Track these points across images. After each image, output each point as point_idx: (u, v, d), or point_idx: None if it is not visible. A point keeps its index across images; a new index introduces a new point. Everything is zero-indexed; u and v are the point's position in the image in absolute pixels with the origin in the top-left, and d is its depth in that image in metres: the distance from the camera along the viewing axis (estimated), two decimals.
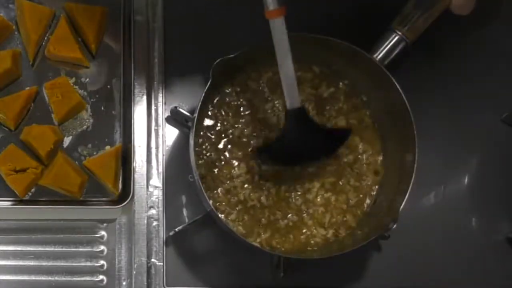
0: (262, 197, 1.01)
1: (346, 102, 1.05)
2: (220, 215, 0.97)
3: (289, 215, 1.01)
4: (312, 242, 1.01)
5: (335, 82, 1.05)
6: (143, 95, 1.07)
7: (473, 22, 1.05)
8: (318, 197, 1.02)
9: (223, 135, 1.02)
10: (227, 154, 1.02)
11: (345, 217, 1.02)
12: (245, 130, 1.03)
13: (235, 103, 1.03)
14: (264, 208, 1.01)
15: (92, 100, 1.06)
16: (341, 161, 1.03)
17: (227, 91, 1.03)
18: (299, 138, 0.99)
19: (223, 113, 1.03)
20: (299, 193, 1.02)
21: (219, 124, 1.02)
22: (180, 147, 1.07)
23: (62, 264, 1.02)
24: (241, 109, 1.03)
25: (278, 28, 0.90)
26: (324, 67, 1.05)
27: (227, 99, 1.03)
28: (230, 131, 1.02)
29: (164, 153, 1.07)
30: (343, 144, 1.02)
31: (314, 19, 1.10)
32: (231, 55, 0.96)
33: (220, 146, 1.02)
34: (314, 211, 1.01)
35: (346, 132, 1.03)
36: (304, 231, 1.01)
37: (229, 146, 1.02)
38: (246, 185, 1.01)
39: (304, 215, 1.01)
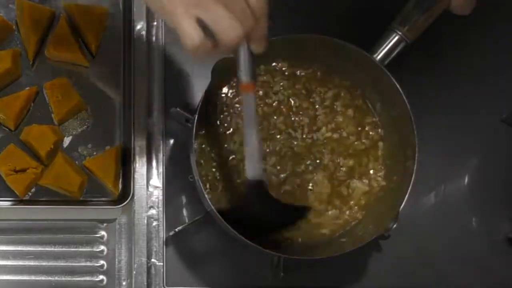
0: None
1: (346, 102, 1.05)
2: (220, 215, 0.97)
3: None
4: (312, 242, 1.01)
5: (335, 82, 1.05)
6: (143, 95, 1.07)
7: (473, 22, 1.04)
8: (319, 195, 1.02)
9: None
10: None
11: (344, 216, 1.02)
12: None
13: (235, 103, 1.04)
14: None
15: (92, 100, 1.06)
16: (340, 161, 1.03)
17: (227, 91, 1.03)
18: (258, 209, 0.97)
19: (223, 113, 1.03)
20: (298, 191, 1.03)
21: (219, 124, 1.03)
22: (180, 147, 1.07)
23: (62, 264, 1.02)
24: (240, 109, 1.04)
25: (249, 101, 0.90)
26: (323, 67, 1.04)
27: (227, 99, 1.03)
28: (230, 130, 1.02)
29: (164, 153, 1.07)
30: (301, 219, 1.01)
31: (313, 19, 1.10)
32: (231, 55, 0.96)
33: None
34: (315, 210, 1.02)
35: (304, 210, 1.01)
36: (304, 230, 1.01)
37: None
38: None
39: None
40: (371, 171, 1.04)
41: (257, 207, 0.97)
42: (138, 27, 1.08)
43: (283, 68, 1.05)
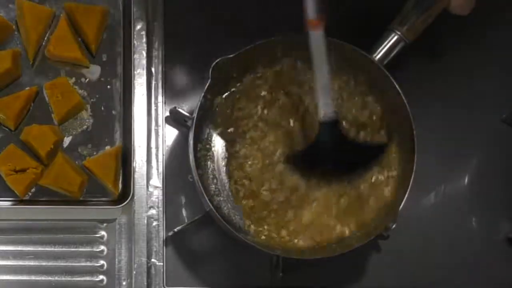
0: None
1: (345, 102, 1.05)
2: (219, 215, 0.97)
3: (291, 213, 1.01)
4: (312, 242, 1.01)
5: (334, 81, 1.05)
6: (143, 95, 1.07)
7: (473, 22, 1.05)
8: (319, 195, 1.02)
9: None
10: None
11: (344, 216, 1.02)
12: None
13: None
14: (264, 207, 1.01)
15: (92, 100, 1.06)
16: None
17: (227, 90, 1.03)
18: (331, 149, 0.99)
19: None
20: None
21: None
22: (180, 147, 1.07)
23: (62, 264, 1.02)
24: None
25: (318, 38, 0.90)
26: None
27: (227, 98, 1.03)
28: (230, 130, 1.03)
29: (164, 153, 1.07)
30: (376, 159, 1.02)
31: None
32: (231, 55, 0.96)
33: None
34: (315, 209, 1.02)
35: (380, 147, 1.02)
36: (304, 230, 1.01)
37: None
38: None
39: (304, 213, 1.01)
40: (371, 171, 1.04)
41: (332, 145, 0.98)
42: (138, 27, 1.08)
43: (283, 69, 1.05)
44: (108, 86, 1.06)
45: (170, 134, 1.08)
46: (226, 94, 1.04)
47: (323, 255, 0.98)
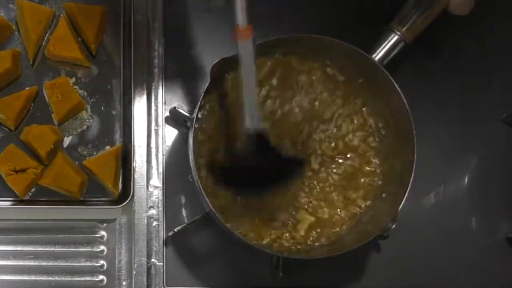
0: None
1: (345, 102, 1.05)
2: (219, 215, 0.97)
3: (290, 213, 1.01)
4: (312, 242, 1.01)
5: (334, 81, 1.05)
6: (143, 95, 1.07)
7: (472, 22, 1.04)
8: (319, 195, 1.02)
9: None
10: None
11: (343, 215, 1.02)
12: None
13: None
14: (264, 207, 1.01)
15: (92, 100, 1.06)
16: (339, 161, 1.03)
17: (227, 91, 1.03)
18: (256, 162, 0.99)
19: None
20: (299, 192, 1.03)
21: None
22: (180, 147, 1.07)
23: (62, 264, 1.02)
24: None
25: (248, 48, 0.89)
26: (322, 67, 1.04)
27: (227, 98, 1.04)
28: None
29: (164, 153, 1.07)
30: (298, 171, 1.02)
31: (313, 19, 1.10)
32: (231, 56, 0.96)
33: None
34: (315, 209, 1.02)
35: (302, 160, 1.03)
36: (304, 230, 1.02)
37: None
38: None
39: (305, 212, 1.02)
40: (370, 171, 1.04)
41: (258, 156, 0.98)
42: (138, 26, 1.08)
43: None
44: (108, 86, 1.06)
45: (170, 134, 1.08)
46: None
47: (323, 255, 0.98)
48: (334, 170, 1.03)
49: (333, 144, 1.04)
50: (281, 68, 1.03)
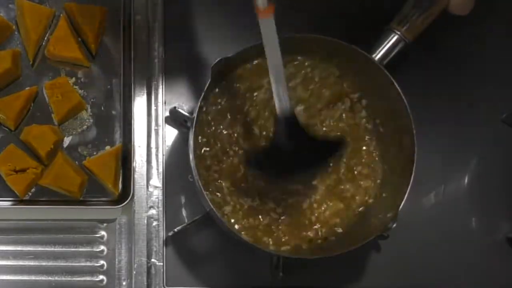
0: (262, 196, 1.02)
1: (345, 101, 1.05)
2: (219, 215, 0.97)
3: (290, 213, 1.01)
4: (312, 242, 1.01)
5: (334, 81, 1.05)
6: (143, 95, 1.07)
7: (472, 22, 1.04)
8: (319, 195, 1.02)
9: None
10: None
11: (343, 216, 1.02)
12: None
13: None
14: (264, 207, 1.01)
15: (92, 100, 1.06)
16: (340, 161, 1.03)
17: (227, 90, 1.04)
18: (290, 146, 0.97)
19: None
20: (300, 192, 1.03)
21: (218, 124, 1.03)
22: (180, 147, 1.07)
23: (62, 264, 1.02)
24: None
25: (269, 27, 0.88)
26: (323, 66, 1.04)
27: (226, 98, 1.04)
28: (230, 131, 1.03)
29: (164, 153, 1.07)
30: (335, 154, 1.01)
31: (312, 19, 1.10)
32: (231, 55, 0.96)
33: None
34: (315, 209, 1.02)
35: (340, 142, 1.01)
36: (304, 231, 1.02)
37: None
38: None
39: (304, 213, 1.02)
40: (371, 171, 1.04)
41: (290, 142, 0.96)
42: (138, 27, 1.08)
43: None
44: (108, 86, 1.06)
45: (170, 134, 1.08)
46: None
47: (323, 255, 0.98)
48: (334, 169, 1.03)
49: None
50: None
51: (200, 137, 1.01)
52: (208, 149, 1.02)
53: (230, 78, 1.02)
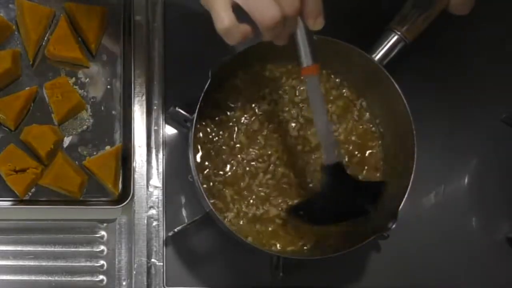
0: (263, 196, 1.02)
1: (345, 101, 1.05)
2: (219, 215, 0.97)
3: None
4: (313, 242, 1.01)
5: (333, 81, 1.05)
6: (143, 95, 1.07)
7: (472, 22, 1.04)
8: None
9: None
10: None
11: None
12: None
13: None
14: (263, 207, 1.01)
15: (92, 100, 1.06)
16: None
17: (226, 90, 1.04)
18: (336, 195, 0.97)
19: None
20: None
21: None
22: (180, 147, 1.07)
23: (62, 264, 1.02)
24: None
25: (314, 84, 0.89)
26: (322, 66, 1.04)
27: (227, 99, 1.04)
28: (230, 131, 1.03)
29: (164, 153, 1.07)
30: (378, 199, 0.99)
31: None
32: (231, 55, 0.96)
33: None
34: None
35: (381, 186, 1.01)
36: (305, 230, 1.02)
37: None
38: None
39: None
40: (371, 171, 1.04)
41: (336, 191, 0.96)
42: (138, 27, 1.08)
43: (283, 69, 1.05)
44: (108, 86, 1.06)
45: (170, 134, 1.08)
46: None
47: (323, 255, 0.98)
48: None
49: None
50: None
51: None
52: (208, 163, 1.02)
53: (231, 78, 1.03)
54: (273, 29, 0.77)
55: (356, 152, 1.04)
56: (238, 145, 1.02)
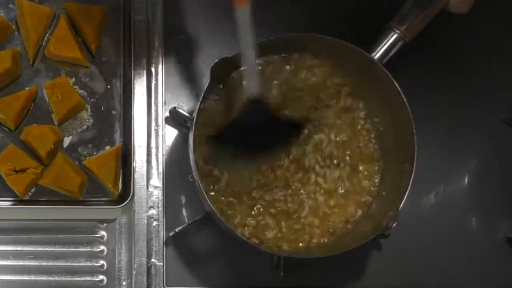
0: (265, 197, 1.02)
1: (344, 101, 1.05)
2: (219, 215, 0.97)
3: (289, 213, 1.02)
4: (313, 241, 1.01)
5: (333, 81, 1.05)
6: (143, 95, 1.07)
7: (472, 21, 1.05)
8: (319, 195, 1.02)
9: None
10: None
11: (344, 215, 1.02)
12: None
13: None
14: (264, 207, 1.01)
15: (92, 100, 1.06)
16: (340, 161, 1.03)
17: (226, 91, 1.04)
18: (255, 125, 0.98)
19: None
20: (300, 191, 1.03)
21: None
22: (180, 147, 1.07)
23: (62, 264, 1.02)
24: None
25: (244, 15, 0.89)
26: (322, 65, 1.04)
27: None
28: None
29: (164, 153, 1.07)
30: (297, 135, 1.02)
31: (312, 18, 1.11)
32: (230, 55, 0.96)
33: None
34: (315, 209, 1.02)
35: (302, 123, 1.03)
36: (305, 230, 1.02)
37: None
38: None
39: (304, 213, 1.02)
40: (371, 171, 1.04)
41: (255, 122, 0.98)
42: (138, 27, 1.08)
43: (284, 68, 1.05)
44: (108, 86, 1.06)
45: (170, 134, 1.08)
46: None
47: (323, 254, 0.98)
48: (334, 169, 1.03)
49: (332, 143, 1.04)
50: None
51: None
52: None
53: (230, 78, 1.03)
54: None
55: (356, 151, 1.04)
56: None
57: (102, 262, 1.03)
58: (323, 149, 1.03)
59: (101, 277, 1.02)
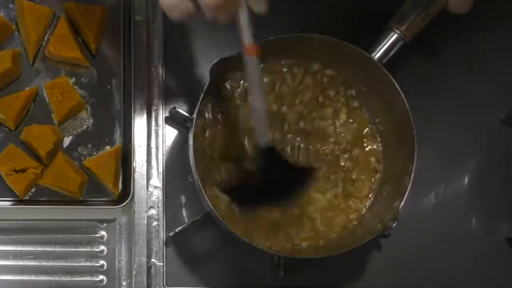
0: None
1: (344, 101, 1.05)
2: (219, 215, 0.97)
3: (289, 214, 1.01)
4: (313, 242, 1.01)
5: (333, 80, 1.05)
6: (143, 95, 1.07)
7: (472, 21, 1.05)
8: (318, 195, 1.02)
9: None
10: None
11: (344, 215, 1.02)
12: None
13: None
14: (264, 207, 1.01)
15: (92, 100, 1.06)
16: (339, 161, 1.03)
17: (226, 91, 1.04)
18: (270, 176, 1.00)
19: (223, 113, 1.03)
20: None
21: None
22: (180, 147, 1.07)
23: (62, 264, 1.02)
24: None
25: (253, 64, 0.89)
26: (322, 65, 1.04)
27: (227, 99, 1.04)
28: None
29: (164, 153, 1.07)
30: (308, 180, 1.03)
31: (311, 18, 1.11)
32: (230, 55, 0.96)
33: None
34: (315, 209, 1.02)
35: (312, 170, 1.03)
36: (305, 230, 1.02)
37: None
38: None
39: (305, 213, 1.02)
40: (370, 171, 1.04)
41: (270, 171, 0.98)
42: (138, 27, 1.08)
43: (284, 69, 1.05)
44: (108, 86, 1.06)
45: (170, 134, 1.08)
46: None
47: (324, 254, 0.98)
48: (334, 169, 1.03)
49: (332, 144, 1.04)
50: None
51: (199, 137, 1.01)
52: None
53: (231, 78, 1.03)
54: (215, 7, 0.79)
55: (355, 151, 1.04)
56: None
57: (102, 262, 1.03)
58: (323, 150, 1.03)
59: (101, 277, 1.02)
